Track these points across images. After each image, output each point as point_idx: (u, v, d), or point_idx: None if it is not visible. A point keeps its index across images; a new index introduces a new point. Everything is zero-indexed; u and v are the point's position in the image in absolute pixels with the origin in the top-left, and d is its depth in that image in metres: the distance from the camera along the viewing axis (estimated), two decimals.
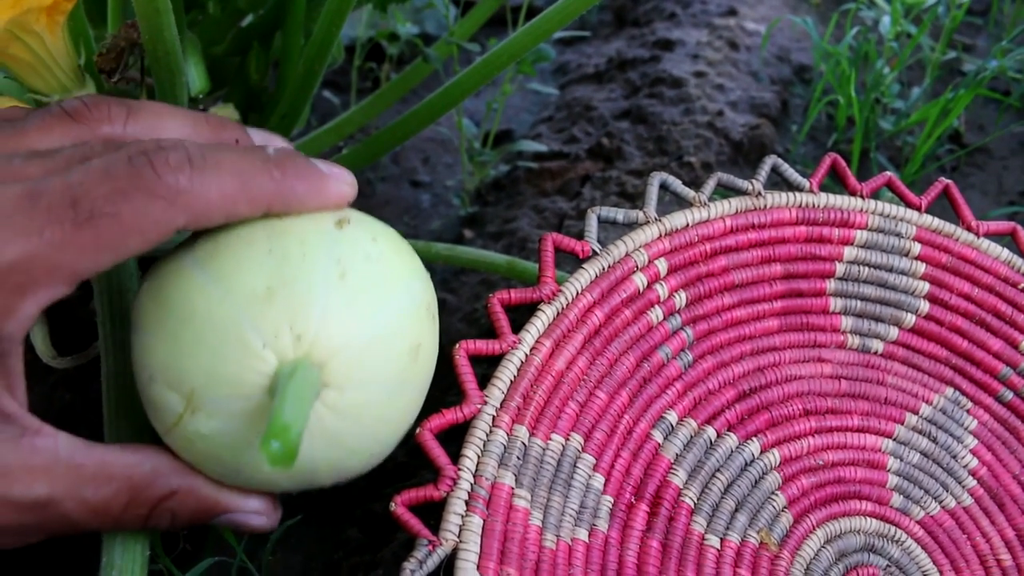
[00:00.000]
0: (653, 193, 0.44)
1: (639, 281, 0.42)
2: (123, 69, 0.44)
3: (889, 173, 0.48)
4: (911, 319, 0.47)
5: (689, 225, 0.44)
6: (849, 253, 0.46)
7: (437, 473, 0.36)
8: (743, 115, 0.81)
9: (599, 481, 0.39)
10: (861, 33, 0.86)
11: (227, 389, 0.31)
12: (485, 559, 0.34)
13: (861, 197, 0.47)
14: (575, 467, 0.39)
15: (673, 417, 0.42)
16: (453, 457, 0.36)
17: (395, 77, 0.70)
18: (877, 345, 0.47)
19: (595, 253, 0.42)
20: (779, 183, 0.47)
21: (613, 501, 0.39)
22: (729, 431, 0.42)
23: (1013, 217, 0.75)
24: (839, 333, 0.46)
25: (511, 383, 0.38)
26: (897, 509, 0.44)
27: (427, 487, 0.35)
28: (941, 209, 0.48)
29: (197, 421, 0.32)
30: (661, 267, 0.43)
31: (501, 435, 0.37)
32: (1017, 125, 0.86)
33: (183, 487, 0.33)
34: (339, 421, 0.33)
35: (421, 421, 0.36)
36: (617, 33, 1.01)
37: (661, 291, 0.43)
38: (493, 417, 0.37)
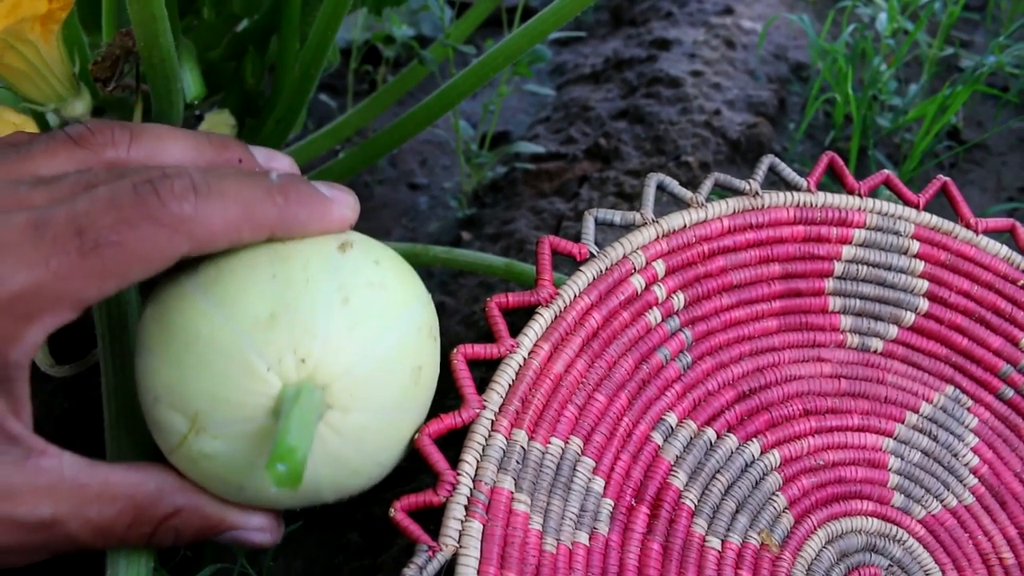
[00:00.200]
0: (650, 194, 0.44)
1: (637, 283, 0.42)
2: (118, 77, 0.44)
3: (887, 171, 0.48)
4: (910, 317, 0.47)
5: (687, 226, 0.44)
6: (848, 252, 0.46)
7: (436, 478, 0.35)
8: (740, 114, 0.81)
9: (599, 484, 0.39)
10: (858, 30, 0.85)
11: (231, 412, 0.32)
12: (485, 564, 0.34)
13: (859, 196, 0.47)
14: (575, 470, 0.38)
15: (673, 419, 0.42)
16: (452, 462, 0.36)
17: (391, 80, 0.69)
18: (877, 344, 0.46)
19: (592, 255, 0.42)
20: (777, 182, 0.47)
21: (613, 504, 0.39)
22: (729, 432, 0.42)
23: (1012, 214, 0.75)
24: (838, 332, 0.46)
25: (509, 387, 0.38)
26: (898, 508, 0.43)
27: (426, 492, 0.35)
28: (940, 206, 0.48)
29: (201, 442, 0.32)
30: (659, 268, 0.43)
31: (500, 439, 0.37)
32: (1015, 121, 0.86)
33: (187, 506, 0.33)
34: (342, 443, 0.33)
35: (420, 426, 0.36)
36: (614, 33, 1.01)
37: (659, 293, 0.43)
38: (492, 421, 0.37)
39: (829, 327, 0.46)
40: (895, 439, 0.45)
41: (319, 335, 0.32)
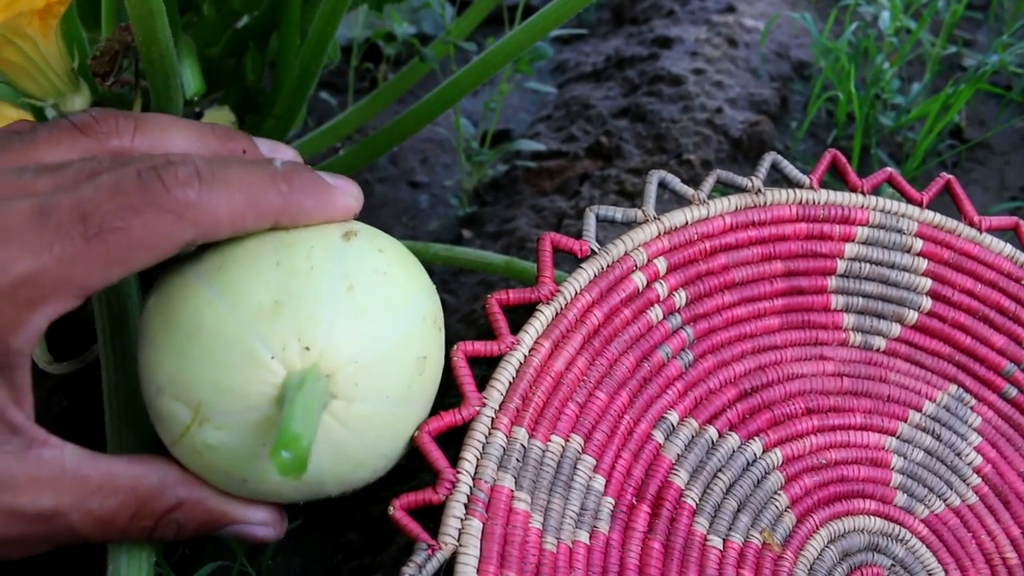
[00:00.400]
0: (652, 191, 0.43)
1: (638, 280, 0.42)
2: (117, 72, 0.44)
3: (890, 169, 0.48)
4: (913, 316, 0.46)
5: (688, 223, 0.43)
6: (850, 250, 0.46)
7: (436, 476, 0.35)
8: (742, 112, 0.81)
9: (600, 482, 0.39)
10: (860, 29, 0.85)
11: (235, 401, 0.31)
12: (485, 563, 0.34)
13: (862, 193, 0.46)
14: (575, 468, 0.38)
15: (674, 417, 0.41)
16: (452, 460, 0.36)
17: (392, 78, 0.69)
18: (879, 342, 0.46)
19: (594, 252, 0.41)
20: (779, 180, 0.46)
21: (614, 502, 0.39)
22: (731, 431, 0.42)
23: (1015, 212, 0.75)
24: (841, 331, 0.46)
25: (510, 384, 0.38)
26: (901, 508, 0.43)
27: (426, 491, 0.35)
28: (943, 205, 0.48)
29: (204, 432, 0.32)
30: (660, 266, 0.42)
31: (500, 437, 0.37)
32: (1018, 120, 0.86)
33: (189, 499, 0.33)
34: (346, 433, 0.33)
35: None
36: (615, 31, 1.01)
37: (661, 290, 0.42)
38: (492, 419, 0.37)
39: (832, 325, 0.46)
40: (898, 438, 0.44)
41: (323, 323, 0.32)
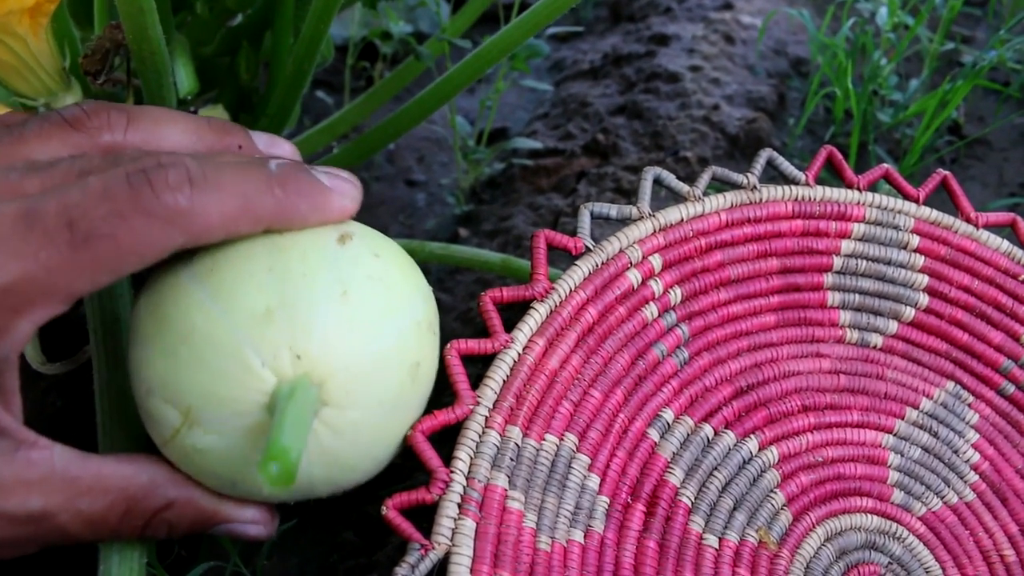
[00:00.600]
0: (647, 188, 0.43)
1: (633, 277, 0.41)
2: (108, 71, 0.43)
3: (886, 165, 0.47)
4: (910, 312, 0.46)
5: (683, 220, 0.43)
6: (846, 246, 0.46)
7: (430, 475, 0.35)
8: (739, 109, 0.81)
9: (594, 481, 0.38)
10: (858, 25, 0.85)
11: (225, 407, 0.31)
12: (479, 563, 0.34)
13: (858, 190, 0.46)
14: (570, 467, 0.38)
15: (669, 415, 0.41)
16: (446, 459, 0.36)
17: (388, 76, 0.69)
18: (876, 339, 0.46)
19: (588, 249, 0.41)
20: (775, 177, 0.46)
21: (609, 501, 0.38)
22: (726, 428, 0.42)
23: (1014, 209, 0.75)
24: (837, 328, 0.45)
25: (504, 383, 0.38)
26: (898, 505, 0.43)
27: (419, 490, 0.35)
28: (941, 202, 0.48)
29: (194, 436, 0.32)
30: (655, 263, 0.42)
31: (494, 436, 0.36)
32: (1017, 116, 0.85)
33: (180, 498, 0.33)
34: (337, 440, 0.33)
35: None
36: (612, 28, 1.00)
37: (656, 287, 0.42)
38: (486, 418, 0.37)
39: (828, 322, 0.45)
40: (895, 435, 0.44)
41: (316, 331, 0.31)
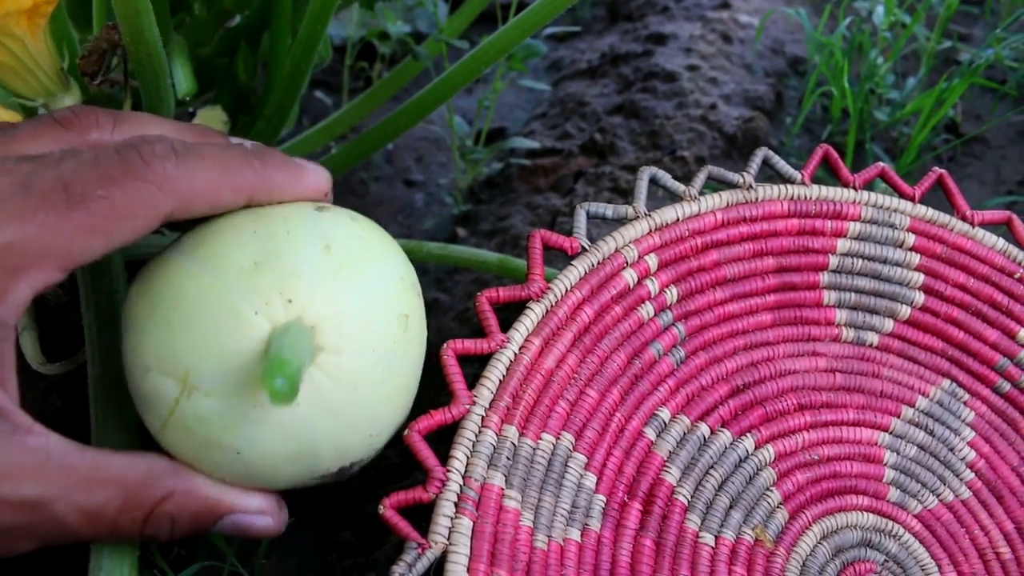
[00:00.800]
0: (643, 188, 0.43)
1: (629, 277, 0.42)
2: (105, 71, 0.43)
3: (882, 164, 0.47)
4: (906, 311, 0.46)
5: (679, 219, 0.43)
6: (842, 245, 0.46)
7: (427, 474, 0.35)
8: (737, 108, 0.81)
9: (591, 480, 0.39)
10: (855, 24, 0.85)
11: (221, 362, 0.31)
12: (475, 561, 0.34)
13: (854, 188, 0.46)
14: (566, 466, 0.38)
15: (665, 414, 0.41)
16: (443, 458, 0.36)
17: (386, 76, 0.69)
18: (872, 338, 0.46)
19: (584, 249, 0.41)
20: (772, 176, 0.46)
21: (605, 500, 0.39)
22: (723, 427, 0.42)
23: (1011, 207, 0.75)
24: (833, 326, 0.46)
25: (500, 382, 0.38)
26: (894, 503, 0.43)
27: (416, 489, 0.35)
28: (938, 200, 0.48)
29: (194, 403, 0.32)
30: (651, 262, 0.42)
31: (490, 435, 0.37)
32: (1014, 114, 0.85)
33: (180, 487, 0.33)
34: (336, 387, 0.33)
35: (410, 422, 0.36)
36: (610, 28, 1.00)
37: (651, 287, 0.42)
38: (482, 417, 0.37)
39: (824, 321, 0.46)
40: (891, 434, 0.44)
41: (304, 276, 0.32)
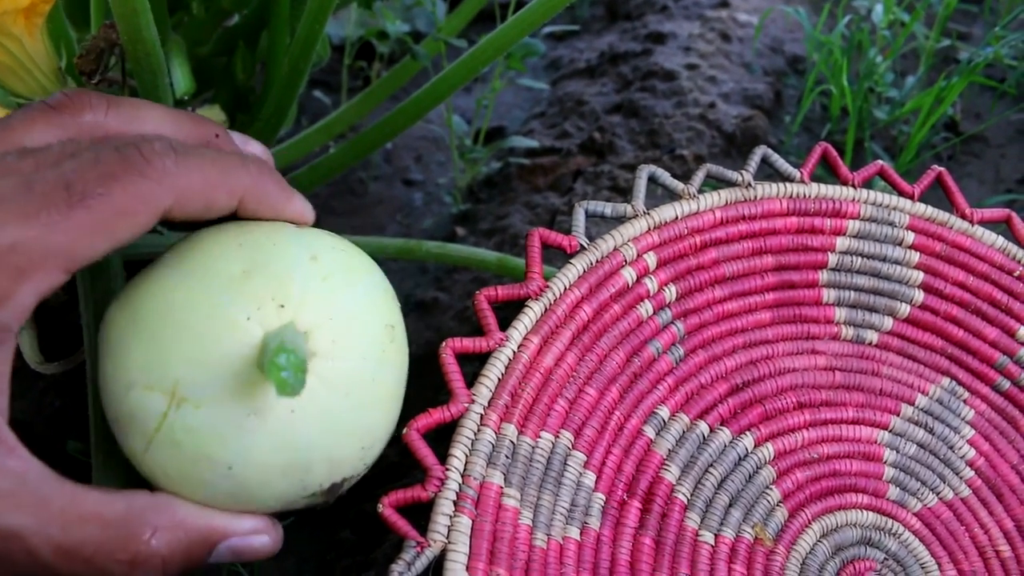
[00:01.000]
0: (641, 186, 0.43)
1: (628, 275, 0.42)
2: (103, 70, 0.43)
3: (881, 162, 0.47)
4: (905, 309, 0.46)
5: (678, 218, 0.43)
6: (841, 243, 0.46)
7: (426, 473, 0.35)
8: (736, 107, 0.81)
9: (590, 478, 0.38)
10: (854, 22, 0.85)
11: (214, 369, 0.31)
12: (474, 560, 0.34)
13: (853, 187, 0.46)
14: (565, 465, 0.38)
15: (665, 412, 0.41)
16: (442, 457, 0.36)
17: (384, 76, 0.69)
18: (872, 336, 0.46)
19: (583, 248, 0.41)
20: (771, 174, 0.46)
21: (605, 498, 0.39)
22: (722, 426, 0.42)
23: (1010, 205, 0.75)
24: (833, 324, 0.46)
25: (499, 381, 0.38)
26: (894, 502, 0.43)
27: (414, 488, 0.35)
28: (937, 198, 0.48)
29: (183, 415, 0.31)
30: (650, 261, 0.42)
31: (489, 434, 0.36)
32: (1013, 112, 0.85)
33: (164, 523, 0.30)
34: (330, 393, 0.32)
35: (409, 420, 0.36)
36: (609, 27, 1.00)
37: (650, 285, 0.42)
38: (481, 416, 0.37)
39: (823, 319, 0.45)
40: (890, 432, 0.44)
41: (296, 282, 0.32)
